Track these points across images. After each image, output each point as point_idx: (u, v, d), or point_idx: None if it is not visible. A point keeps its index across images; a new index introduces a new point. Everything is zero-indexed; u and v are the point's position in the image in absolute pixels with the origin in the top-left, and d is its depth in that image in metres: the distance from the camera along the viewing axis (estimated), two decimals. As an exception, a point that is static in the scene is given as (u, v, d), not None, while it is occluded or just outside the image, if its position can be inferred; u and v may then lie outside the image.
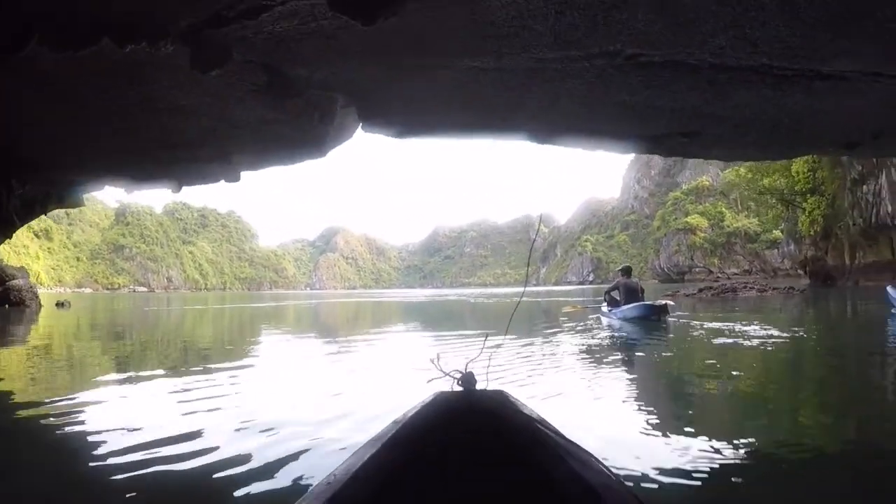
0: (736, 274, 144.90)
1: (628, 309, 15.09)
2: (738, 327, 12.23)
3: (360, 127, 11.51)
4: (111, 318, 24.02)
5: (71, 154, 12.72)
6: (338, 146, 12.43)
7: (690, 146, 12.53)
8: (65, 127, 10.92)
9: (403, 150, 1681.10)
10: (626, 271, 16.94)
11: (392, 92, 9.08)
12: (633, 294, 15.74)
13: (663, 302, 15.00)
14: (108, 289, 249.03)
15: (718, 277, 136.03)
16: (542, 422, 1.74)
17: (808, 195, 44.09)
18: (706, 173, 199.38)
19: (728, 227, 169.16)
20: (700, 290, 32.55)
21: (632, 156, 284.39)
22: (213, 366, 8.18)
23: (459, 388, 2.00)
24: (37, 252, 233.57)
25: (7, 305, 29.05)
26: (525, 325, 14.95)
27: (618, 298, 16.20)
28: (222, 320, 23.22)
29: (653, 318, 14.25)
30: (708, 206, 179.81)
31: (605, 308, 16.81)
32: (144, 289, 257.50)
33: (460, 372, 2.06)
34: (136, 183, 15.19)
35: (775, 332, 11.04)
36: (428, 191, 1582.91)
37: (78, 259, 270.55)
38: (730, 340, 9.94)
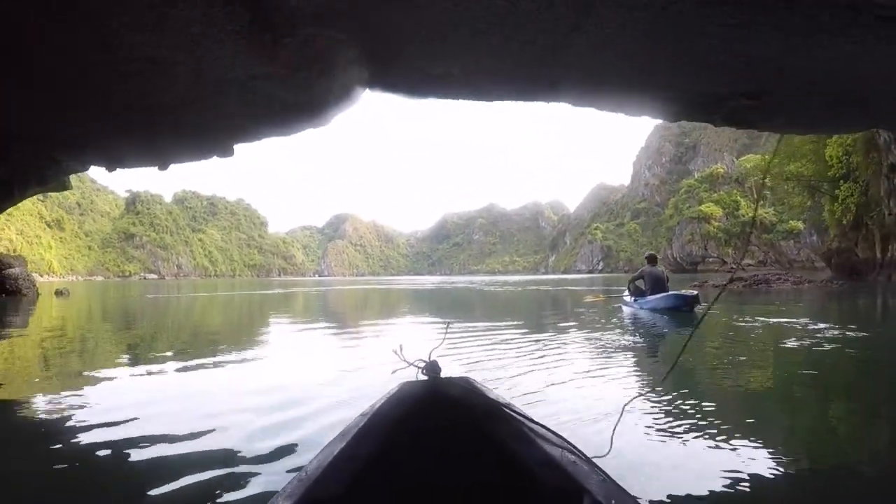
0: (750, 265, 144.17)
1: (657, 299, 14.69)
2: (782, 322, 11.46)
3: (366, 89, 9.84)
4: (110, 306, 23.48)
5: (24, 122, 10.98)
6: (341, 112, 10.68)
7: (752, 112, 10.75)
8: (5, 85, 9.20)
9: (413, 134, 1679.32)
10: (652, 259, 16.34)
11: (405, 28, 7.30)
12: (659, 283, 15.31)
13: (694, 292, 14.54)
14: (119, 276, 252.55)
15: (732, 268, 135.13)
16: (509, 405, 1.86)
17: (841, 182, 41.91)
18: (720, 161, 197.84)
19: (743, 216, 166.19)
20: (730, 281, 30.65)
21: (642, 142, 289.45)
22: (199, 355, 8.16)
23: (424, 377, 2.05)
24: (49, 242, 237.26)
25: (3, 294, 28.80)
26: (544, 316, 15.36)
27: (643, 288, 15.80)
28: (224, 308, 23.08)
29: (684, 310, 13.86)
30: (722, 195, 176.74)
31: (628, 298, 16.48)
32: (155, 276, 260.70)
33: (424, 361, 2.14)
34: (117, 159, 13.53)
35: (831, 329, 10.21)
36: (437, 177, 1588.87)
37: (89, 248, 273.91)
38: (776, 337, 9.28)
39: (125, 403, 5.05)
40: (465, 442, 1.74)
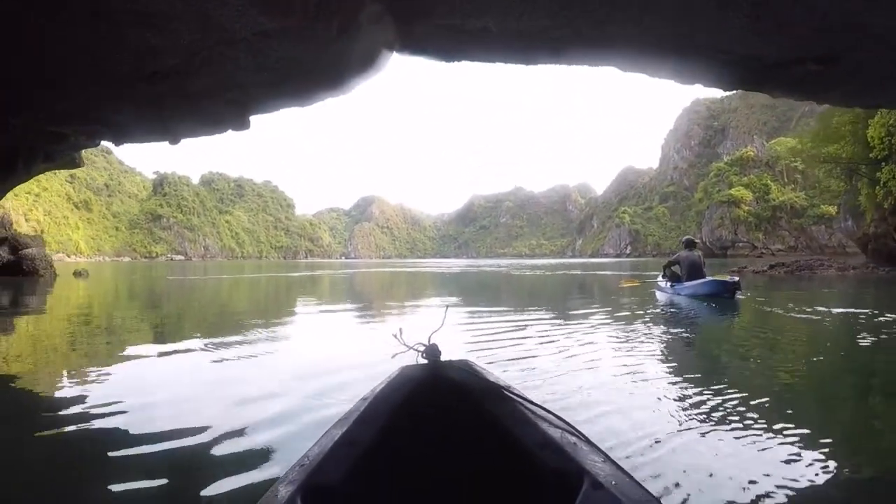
0: (781, 250, 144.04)
1: (697, 285, 14.13)
2: (834, 312, 10.73)
3: (392, 52, 8.84)
4: (130, 289, 23.03)
5: (18, 91, 10.05)
6: (364, 79, 9.70)
7: (814, 81, 9.67)
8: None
9: (441, 116, 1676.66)
10: (689, 244, 15.63)
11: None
12: (696, 269, 14.76)
13: (736, 278, 13.91)
14: (146, 257, 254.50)
15: (763, 253, 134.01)
16: (509, 388, 1.87)
17: (883, 164, 40.30)
18: (751, 143, 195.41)
19: (774, 200, 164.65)
20: (771, 267, 30.03)
21: (671, 125, 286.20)
22: (215, 339, 7.87)
23: (424, 361, 2.06)
24: (76, 222, 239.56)
25: (20, 275, 28.10)
26: (576, 301, 15.08)
27: (679, 273, 15.25)
28: (247, 290, 22.11)
29: (725, 296, 13.35)
30: (752, 178, 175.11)
31: (662, 283, 16.04)
32: (181, 257, 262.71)
33: (423, 345, 2.14)
34: (123, 132, 12.61)
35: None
36: (464, 159, 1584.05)
37: (117, 229, 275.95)
38: (833, 329, 8.69)
39: (138, 389, 5.01)
40: (466, 425, 1.78)
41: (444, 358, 2.08)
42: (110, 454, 3.36)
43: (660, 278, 16.63)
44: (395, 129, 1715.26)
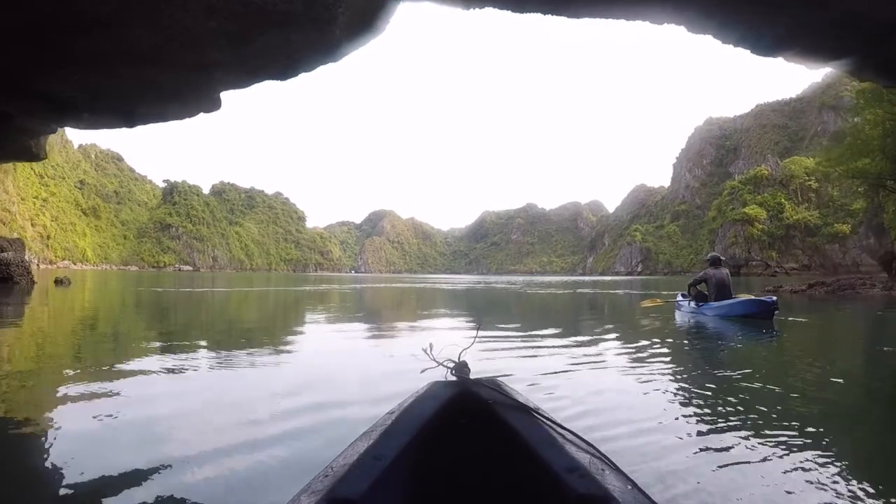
0: (794, 269, 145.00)
1: (731, 304, 13.14)
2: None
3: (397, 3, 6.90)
4: (112, 301, 20.86)
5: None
6: (362, 39, 7.75)
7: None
8: None
9: (453, 132, 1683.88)
10: (715, 262, 14.46)
11: None
12: (724, 289, 13.82)
13: (773, 297, 12.81)
14: (154, 267, 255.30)
15: (776, 272, 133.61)
16: (537, 410, 1.83)
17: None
18: (763, 163, 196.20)
19: (788, 218, 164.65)
20: (810, 286, 27.99)
21: (682, 144, 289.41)
22: (192, 359, 7.14)
23: (453, 378, 2.11)
24: (84, 229, 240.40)
25: None
26: (595, 322, 13.87)
27: (706, 292, 14.27)
28: (246, 307, 19.51)
29: (762, 318, 12.17)
30: (766, 197, 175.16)
31: (684, 302, 15.22)
32: (190, 268, 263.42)
33: (453, 361, 2.24)
34: (77, 112, 10.66)
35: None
36: (476, 175, 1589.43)
37: (125, 237, 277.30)
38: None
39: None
40: (493, 444, 1.75)
41: (472, 376, 2.12)
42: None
43: (679, 297, 16.00)
44: (407, 143, 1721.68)
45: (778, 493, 2.95)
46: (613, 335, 10.32)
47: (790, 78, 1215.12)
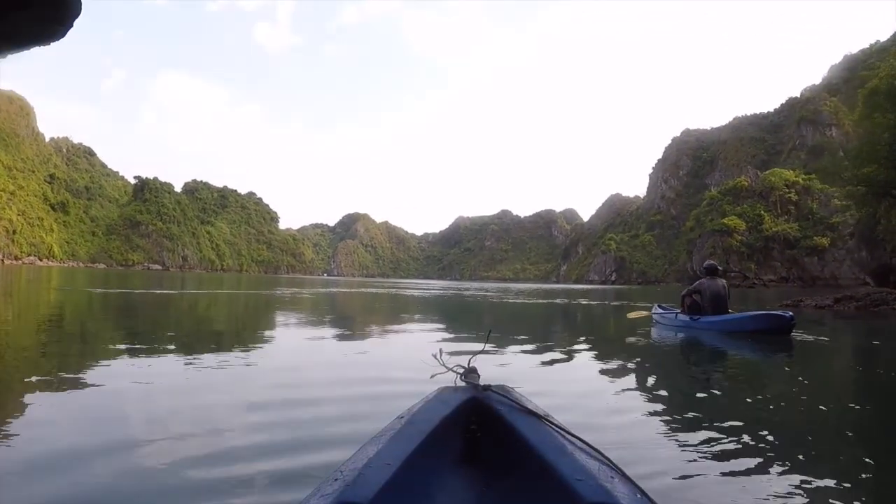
0: (773, 281, 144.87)
1: (739, 319, 12.49)
2: None
3: None
4: (29, 303, 17.40)
5: None
6: None
7: None
8: None
9: (428, 136, 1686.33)
10: (711, 270, 13.46)
11: None
12: (721, 301, 13.00)
13: (790, 312, 12.09)
14: (122, 265, 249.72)
15: (754, 283, 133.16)
16: (547, 416, 1.85)
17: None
18: (739, 175, 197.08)
19: (767, 230, 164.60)
20: (837, 301, 24.94)
21: (659, 154, 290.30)
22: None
23: (463, 384, 2.11)
24: (51, 225, 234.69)
25: None
26: (583, 336, 12.74)
27: (700, 304, 13.24)
28: (221, 312, 17.33)
29: (778, 334, 11.46)
30: (746, 208, 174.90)
31: (668, 314, 14.39)
32: (159, 267, 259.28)
33: (463, 367, 2.24)
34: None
35: None
36: (451, 180, 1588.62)
37: (94, 234, 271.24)
38: None
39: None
40: (503, 450, 1.77)
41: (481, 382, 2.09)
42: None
43: (657, 308, 15.33)
44: (383, 146, 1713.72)
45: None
46: (610, 349, 10.01)
47: (768, 92, 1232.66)
